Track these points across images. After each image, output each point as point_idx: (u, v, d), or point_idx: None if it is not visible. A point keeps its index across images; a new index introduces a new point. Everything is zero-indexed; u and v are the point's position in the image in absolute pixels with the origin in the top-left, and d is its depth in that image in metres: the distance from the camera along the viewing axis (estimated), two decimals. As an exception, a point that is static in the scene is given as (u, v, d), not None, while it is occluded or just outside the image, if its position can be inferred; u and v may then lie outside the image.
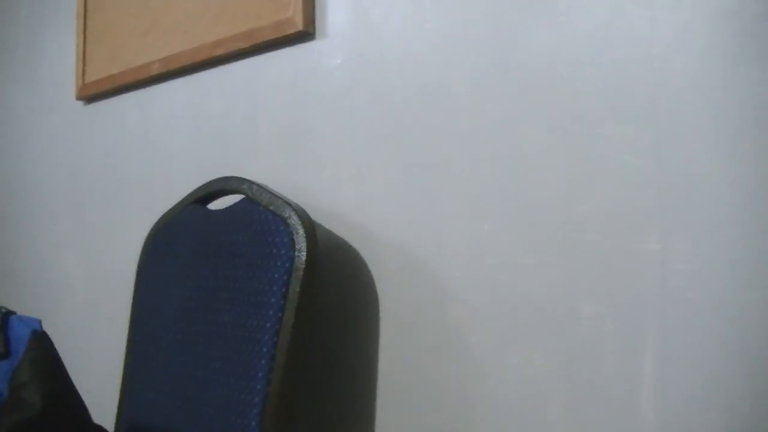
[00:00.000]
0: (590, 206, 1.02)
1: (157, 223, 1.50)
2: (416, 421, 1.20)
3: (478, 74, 1.15)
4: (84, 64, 1.91)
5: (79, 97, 1.92)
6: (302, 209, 1.22)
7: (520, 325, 1.08)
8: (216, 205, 1.38)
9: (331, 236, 1.32)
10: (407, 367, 1.22)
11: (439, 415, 1.17)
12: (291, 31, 1.38)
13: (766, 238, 0.89)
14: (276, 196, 1.24)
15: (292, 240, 1.18)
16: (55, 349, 1.08)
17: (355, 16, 1.32)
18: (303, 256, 1.17)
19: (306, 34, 1.38)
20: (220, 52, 1.52)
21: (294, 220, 1.19)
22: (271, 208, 1.23)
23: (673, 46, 0.96)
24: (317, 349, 1.33)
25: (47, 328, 1.09)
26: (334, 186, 1.33)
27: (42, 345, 1.07)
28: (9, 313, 1.10)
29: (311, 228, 1.20)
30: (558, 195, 1.06)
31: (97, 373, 1.64)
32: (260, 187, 1.28)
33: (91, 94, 1.89)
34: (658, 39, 0.98)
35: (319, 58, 1.37)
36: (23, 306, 1.23)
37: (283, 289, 1.17)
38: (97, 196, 1.89)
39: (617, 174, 1.00)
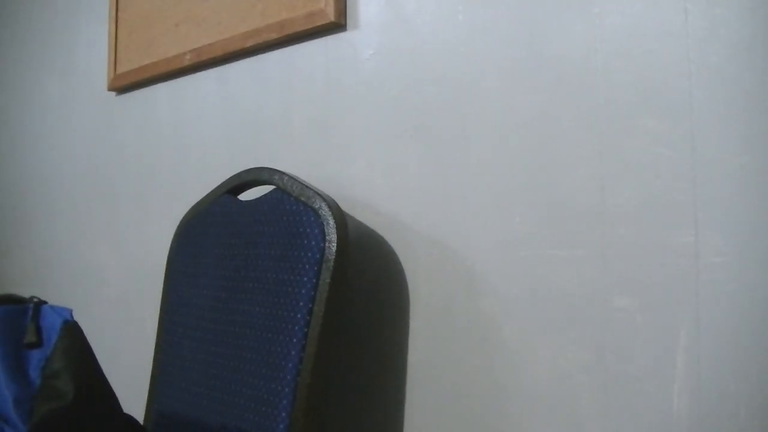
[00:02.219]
0: (623, 199, 1.02)
1: (188, 213, 1.50)
2: (446, 413, 1.20)
3: (510, 66, 1.15)
4: (116, 55, 1.92)
5: (111, 88, 1.94)
6: (333, 200, 1.22)
7: (553, 318, 1.08)
8: (247, 196, 1.38)
9: (362, 227, 1.32)
10: (438, 359, 1.21)
11: (469, 407, 1.17)
12: (323, 22, 1.38)
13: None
14: (307, 186, 1.24)
15: (323, 231, 1.18)
16: (85, 339, 1.09)
17: (388, 7, 1.32)
18: (333, 246, 1.17)
19: (338, 26, 1.38)
20: (252, 43, 1.53)
21: (325, 211, 1.19)
22: (302, 199, 1.23)
23: (707, 38, 0.95)
24: (347, 340, 1.34)
25: (80, 318, 1.10)
26: (365, 177, 1.33)
27: (73, 334, 1.08)
28: (41, 303, 1.11)
29: (342, 219, 1.19)
30: (590, 187, 1.05)
31: (128, 363, 1.67)
32: (291, 177, 1.28)
33: (122, 85, 1.90)
34: (691, 31, 0.97)
35: (351, 50, 1.37)
36: (57, 297, 1.25)
37: (314, 280, 1.17)
38: (130, 187, 1.90)
39: (651, 167, 0.99)
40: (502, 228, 1.14)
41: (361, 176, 1.34)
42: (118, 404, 1.11)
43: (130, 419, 1.14)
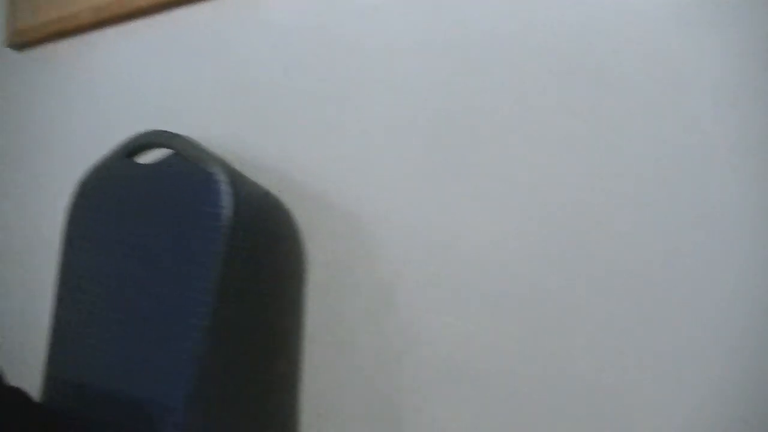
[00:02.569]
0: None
1: (85, 176, 1.45)
2: (341, 378, 1.19)
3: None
4: (16, 7, 1.83)
5: (10, 44, 1.85)
6: (229, 165, 1.19)
7: (453, 288, 1.08)
8: (146, 159, 1.34)
9: (262, 193, 1.29)
10: (333, 323, 1.21)
11: (367, 375, 1.16)
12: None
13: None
14: (203, 150, 1.21)
15: (218, 196, 1.16)
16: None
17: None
18: (229, 212, 1.15)
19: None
20: (147, 2, 1.47)
21: (220, 177, 1.17)
22: (198, 163, 1.20)
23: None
24: (247, 309, 1.32)
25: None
26: (270, 141, 1.30)
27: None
28: None
29: (237, 184, 1.17)
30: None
31: (19, 336, 1.62)
32: (188, 141, 1.25)
33: (23, 41, 1.81)
34: None
35: (255, 9, 1.33)
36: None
37: (210, 246, 1.15)
38: (33, 149, 1.83)
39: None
40: (402, 192, 1.13)
41: (269, 140, 1.31)
42: (2, 375, 1.08)
43: (16, 391, 1.10)
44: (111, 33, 1.61)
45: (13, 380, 1.20)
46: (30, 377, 1.16)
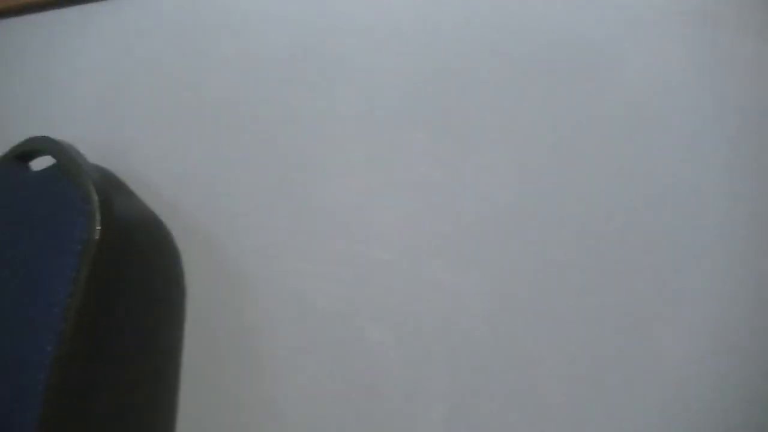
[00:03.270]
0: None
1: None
2: (214, 422, 1.12)
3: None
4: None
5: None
6: (103, 184, 1.11)
7: (310, 338, 1.00)
8: (40, 163, 1.26)
9: (142, 211, 1.21)
10: (208, 362, 1.13)
11: (231, 419, 1.09)
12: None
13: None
14: (80, 165, 1.13)
15: (87, 220, 1.08)
16: None
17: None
18: (95, 238, 1.07)
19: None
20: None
21: (90, 198, 1.09)
22: (74, 178, 1.12)
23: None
24: (112, 338, 1.24)
25: None
26: (155, 155, 1.22)
27: None
28: None
29: (110, 208, 1.09)
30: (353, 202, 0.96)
31: None
32: (68, 152, 1.17)
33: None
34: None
35: (143, 15, 1.24)
36: None
37: (73, 273, 1.07)
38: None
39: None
40: (269, 235, 1.05)
41: (149, 155, 1.22)
42: None
43: None
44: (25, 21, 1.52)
45: None
46: None
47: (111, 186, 1.27)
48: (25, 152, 1.29)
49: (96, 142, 1.27)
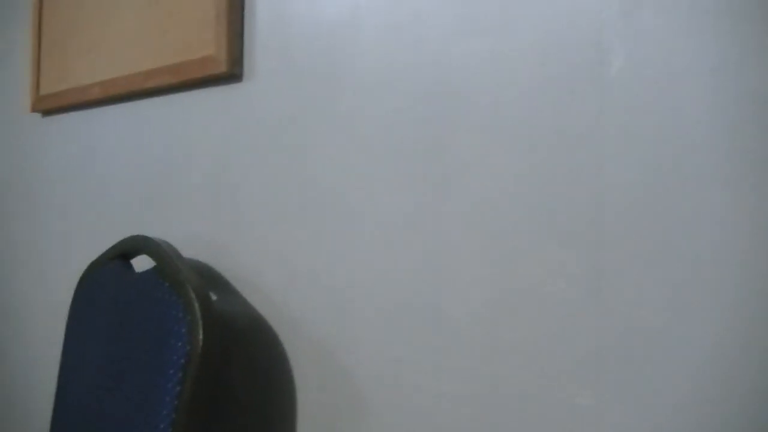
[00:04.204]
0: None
1: (86, 271, 1.38)
2: None
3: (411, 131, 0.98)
4: (39, 75, 1.77)
5: (34, 110, 1.79)
6: (204, 289, 1.07)
7: None
8: (140, 261, 1.24)
9: (246, 314, 1.17)
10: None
11: None
12: (216, 71, 1.22)
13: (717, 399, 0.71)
14: (180, 270, 1.10)
15: (189, 331, 1.04)
16: None
17: (285, 58, 1.15)
18: (198, 350, 1.03)
19: (232, 75, 1.22)
20: (152, 84, 1.37)
21: (193, 305, 1.05)
22: (174, 288, 1.09)
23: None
24: None
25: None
26: (259, 252, 1.18)
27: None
28: None
29: (211, 317, 1.05)
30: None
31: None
32: (167, 254, 1.14)
33: (45, 108, 1.75)
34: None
35: (248, 103, 1.21)
36: None
37: (177, 387, 1.04)
38: (53, 215, 1.76)
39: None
40: (393, 348, 0.98)
41: (254, 251, 1.18)
42: None
43: None
44: (116, 109, 1.52)
45: None
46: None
47: (215, 286, 1.24)
48: (126, 251, 1.28)
49: (203, 236, 1.24)
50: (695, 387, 0.72)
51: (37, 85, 1.77)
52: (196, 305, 1.05)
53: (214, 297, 1.24)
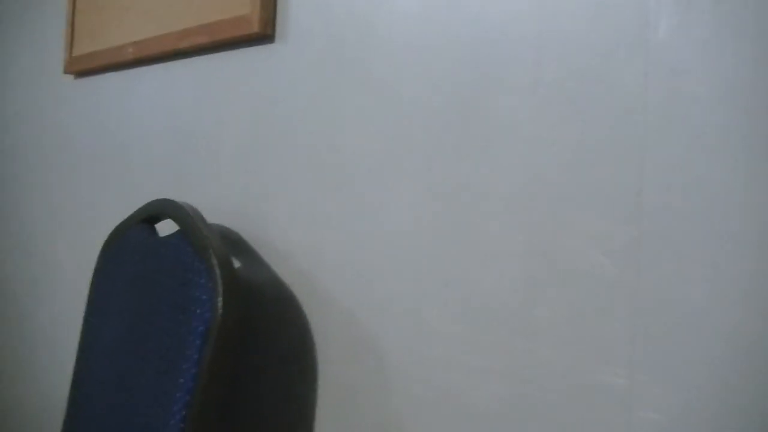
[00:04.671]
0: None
1: (110, 236, 1.35)
2: None
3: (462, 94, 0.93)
4: (73, 36, 1.75)
5: (67, 71, 1.76)
6: (227, 256, 1.04)
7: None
8: (165, 224, 1.21)
9: (270, 282, 1.13)
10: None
11: None
12: (247, 31, 1.18)
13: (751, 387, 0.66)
14: (204, 235, 1.07)
15: (210, 295, 1.01)
16: None
17: (318, 19, 1.10)
18: (218, 319, 1.00)
19: (264, 36, 1.17)
20: (185, 44, 1.33)
21: (214, 272, 1.02)
22: (198, 250, 1.06)
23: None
24: (240, 412, 1.17)
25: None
26: (287, 221, 1.14)
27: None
28: None
29: (235, 287, 1.02)
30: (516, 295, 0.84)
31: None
32: (193, 220, 1.11)
33: (78, 70, 1.73)
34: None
35: (279, 64, 1.16)
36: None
37: (196, 355, 1.01)
38: (82, 182, 1.74)
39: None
40: (422, 322, 0.94)
41: (284, 219, 1.14)
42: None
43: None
44: (149, 71, 1.49)
45: None
46: None
47: (241, 253, 1.20)
48: (150, 215, 1.25)
49: (231, 201, 1.21)
50: (733, 368, 0.66)
51: (71, 46, 1.75)
52: (218, 272, 1.02)
53: (238, 264, 1.20)
